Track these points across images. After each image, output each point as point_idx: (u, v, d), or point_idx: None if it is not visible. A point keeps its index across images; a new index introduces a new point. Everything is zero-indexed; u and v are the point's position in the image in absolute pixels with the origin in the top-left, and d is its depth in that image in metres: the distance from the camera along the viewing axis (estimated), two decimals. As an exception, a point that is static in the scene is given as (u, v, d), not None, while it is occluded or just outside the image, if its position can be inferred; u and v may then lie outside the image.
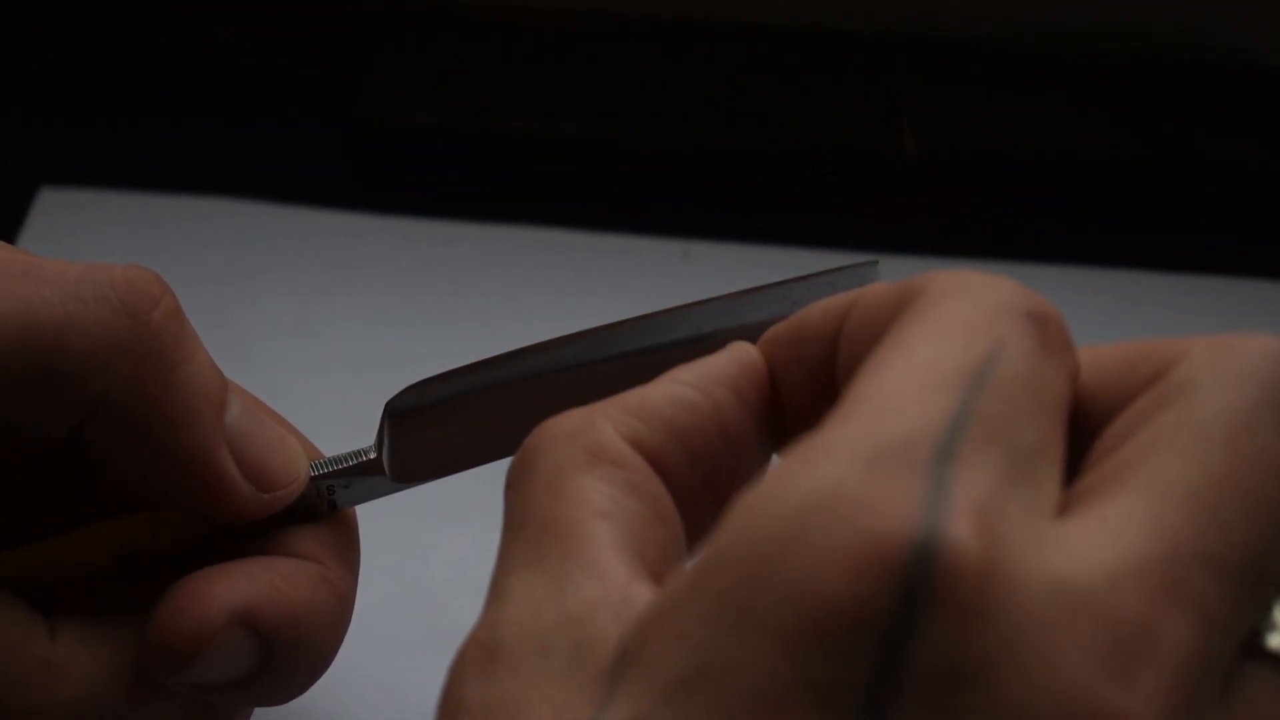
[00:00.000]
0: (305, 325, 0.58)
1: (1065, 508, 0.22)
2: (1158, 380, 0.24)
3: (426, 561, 0.36)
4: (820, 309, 0.28)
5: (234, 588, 0.33)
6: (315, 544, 0.35)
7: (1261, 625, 0.22)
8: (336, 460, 0.35)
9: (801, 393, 0.28)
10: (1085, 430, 0.24)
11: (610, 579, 0.24)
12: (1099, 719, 0.20)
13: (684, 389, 0.28)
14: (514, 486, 0.26)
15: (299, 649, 0.33)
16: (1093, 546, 0.21)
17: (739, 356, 0.28)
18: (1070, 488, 0.23)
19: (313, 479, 0.35)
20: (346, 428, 0.35)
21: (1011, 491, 0.21)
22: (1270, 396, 0.23)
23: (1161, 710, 0.20)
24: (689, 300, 0.34)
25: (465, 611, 0.45)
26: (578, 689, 0.23)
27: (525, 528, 0.26)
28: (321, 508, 0.35)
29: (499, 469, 0.31)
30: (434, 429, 0.35)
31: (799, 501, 0.21)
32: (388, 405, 0.35)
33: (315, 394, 0.36)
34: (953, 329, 0.24)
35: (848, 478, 0.21)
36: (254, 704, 0.35)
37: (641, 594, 0.24)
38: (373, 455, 0.35)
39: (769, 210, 0.73)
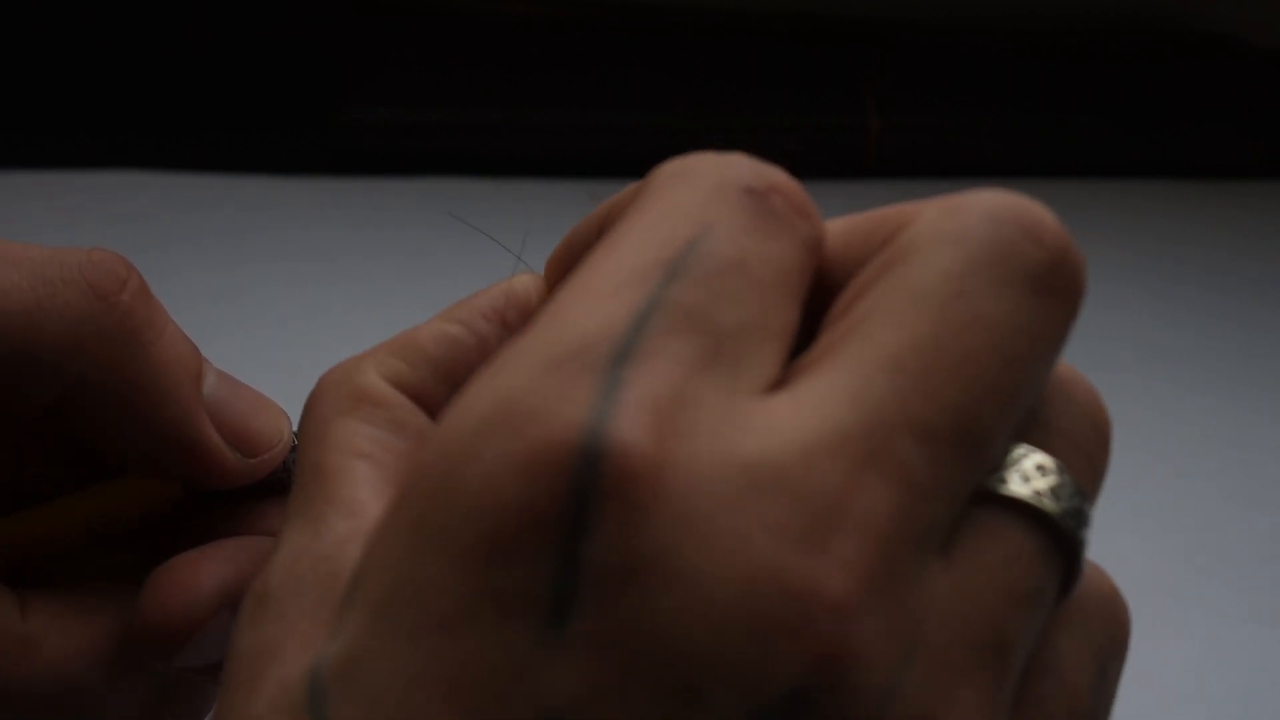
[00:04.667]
0: (223, 292, 0.59)
1: (791, 377, 0.22)
2: (887, 243, 0.23)
3: None
4: (585, 220, 0.28)
5: (219, 570, 0.32)
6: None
7: (995, 465, 0.22)
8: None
9: None
10: (828, 294, 0.23)
11: (363, 515, 0.24)
12: (790, 590, 0.19)
13: (450, 325, 0.28)
14: (297, 438, 0.28)
15: None
16: (791, 422, 0.20)
17: (506, 289, 0.29)
18: (796, 360, 0.22)
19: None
20: (276, 390, 0.35)
21: (703, 378, 0.21)
22: (984, 255, 0.22)
23: (861, 576, 0.19)
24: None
25: None
26: (322, 623, 0.23)
27: (299, 479, 0.26)
28: (289, 481, 0.35)
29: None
30: None
31: (477, 415, 0.20)
32: None
33: (241, 360, 0.36)
34: (660, 218, 0.23)
35: (522, 388, 0.20)
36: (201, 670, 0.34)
37: None
38: None
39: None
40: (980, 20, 0.82)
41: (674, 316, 0.21)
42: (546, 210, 0.70)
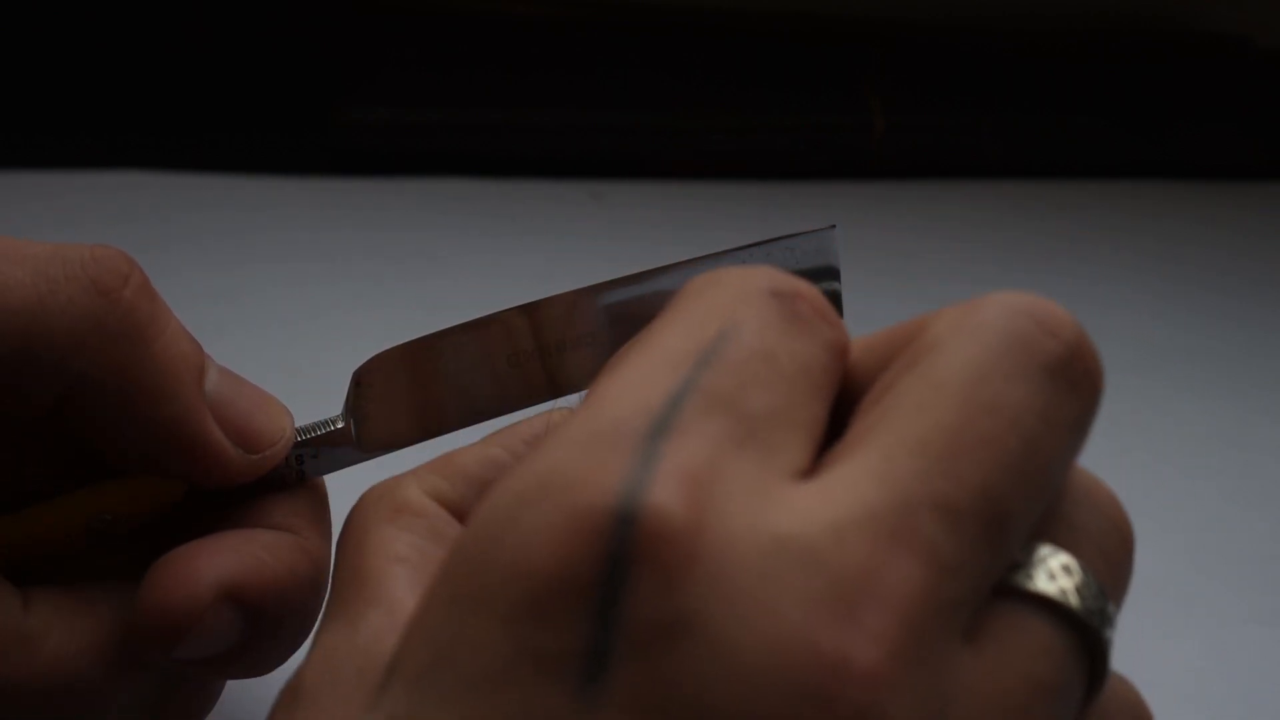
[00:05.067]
0: (223, 292, 0.59)
1: (820, 468, 0.22)
2: (909, 343, 0.24)
3: None
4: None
5: (219, 562, 0.32)
6: (290, 514, 0.35)
7: (1020, 563, 0.23)
8: (305, 430, 0.35)
9: None
10: (856, 400, 0.24)
11: (400, 611, 0.26)
12: (822, 658, 0.20)
13: (491, 448, 0.30)
14: (336, 548, 0.29)
15: (282, 621, 0.33)
16: (821, 502, 0.21)
17: (548, 417, 0.31)
18: (825, 454, 0.23)
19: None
20: (275, 390, 0.35)
21: (735, 456, 0.22)
22: (1003, 343, 0.23)
23: (890, 648, 0.20)
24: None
25: None
26: (358, 705, 0.24)
27: (337, 582, 0.28)
28: (291, 478, 0.35)
29: (467, 437, 0.33)
30: (402, 398, 0.35)
31: (520, 487, 0.21)
32: (356, 374, 0.35)
33: (240, 359, 0.36)
34: (692, 317, 0.24)
35: (561, 460, 0.21)
36: (235, 676, 0.34)
37: None
38: (340, 425, 0.35)
39: (741, 184, 0.73)
40: (982, 20, 0.82)
41: (707, 399, 0.22)
42: (547, 210, 0.70)
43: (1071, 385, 0.23)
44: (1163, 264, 0.70)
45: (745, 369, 0.23)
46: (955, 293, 0.64)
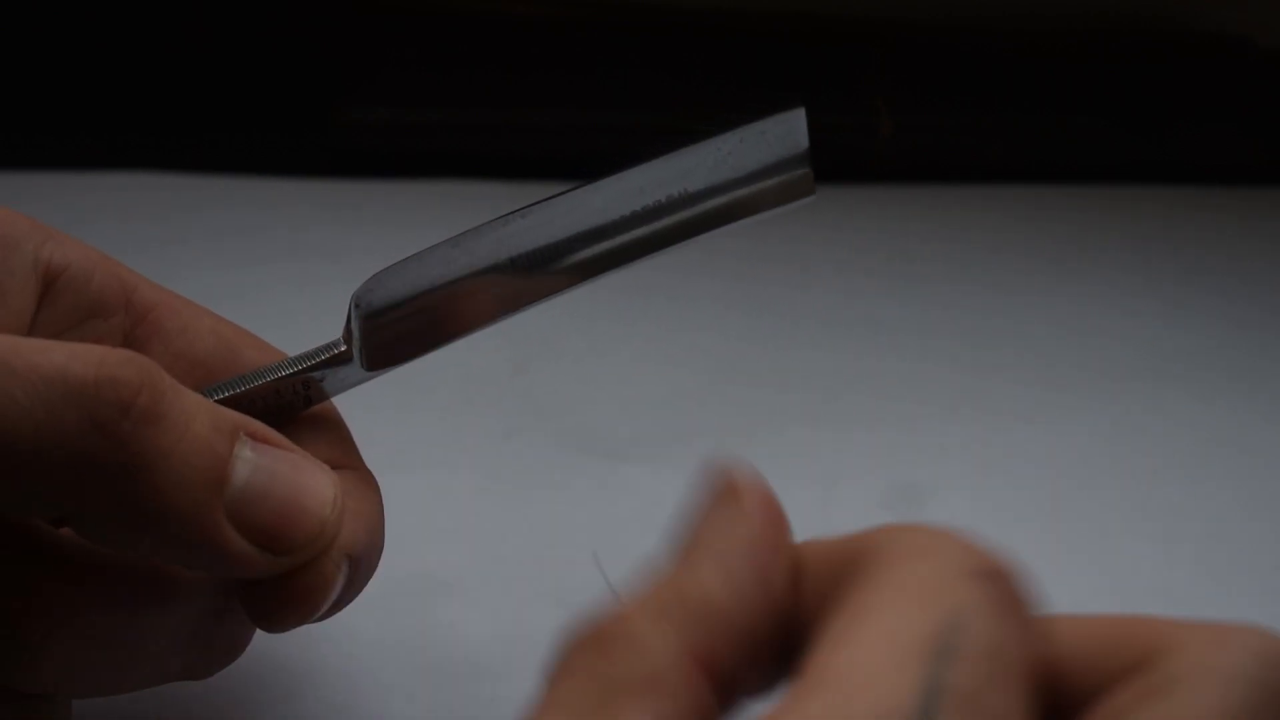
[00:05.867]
0: (228, 293, 0.57)
1: None
2: (1144, 667, 0.23)
3: (388, 510, 0.35)
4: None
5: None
6: (339, 450, 0.35)
7: None
8: (306, 356, 0.35)
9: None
10: (1061, 697, 0.24)
11: None
12: None
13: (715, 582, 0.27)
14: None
15: (371, 564, 0.34)
16: None
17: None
18: None
19: (286, 377, 0.35)
20: None
21: None
22: (1255, 697, 0.22)
23: None
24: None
25: (429, 556, 0.45)
26: None
27: None
28: (298, 404, 0.36)
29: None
30: (404, 314, 0.35)
31: None
32: (354, 296, 0.35)
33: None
34: (909, 594, 0.23)
35: None
36: (309, 622, 0.34)
37: None
38: (342, 348, 0.36)
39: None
40: (984, 20, 0.82)
41: (957, 702, 0.22)
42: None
43: None
44: (1170, 269, 0.70)
45: (983, 667, 0.22)
46: (961, 297, 0.65)
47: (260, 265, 0.62)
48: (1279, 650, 0.23)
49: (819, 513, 0.54)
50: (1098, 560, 0.50)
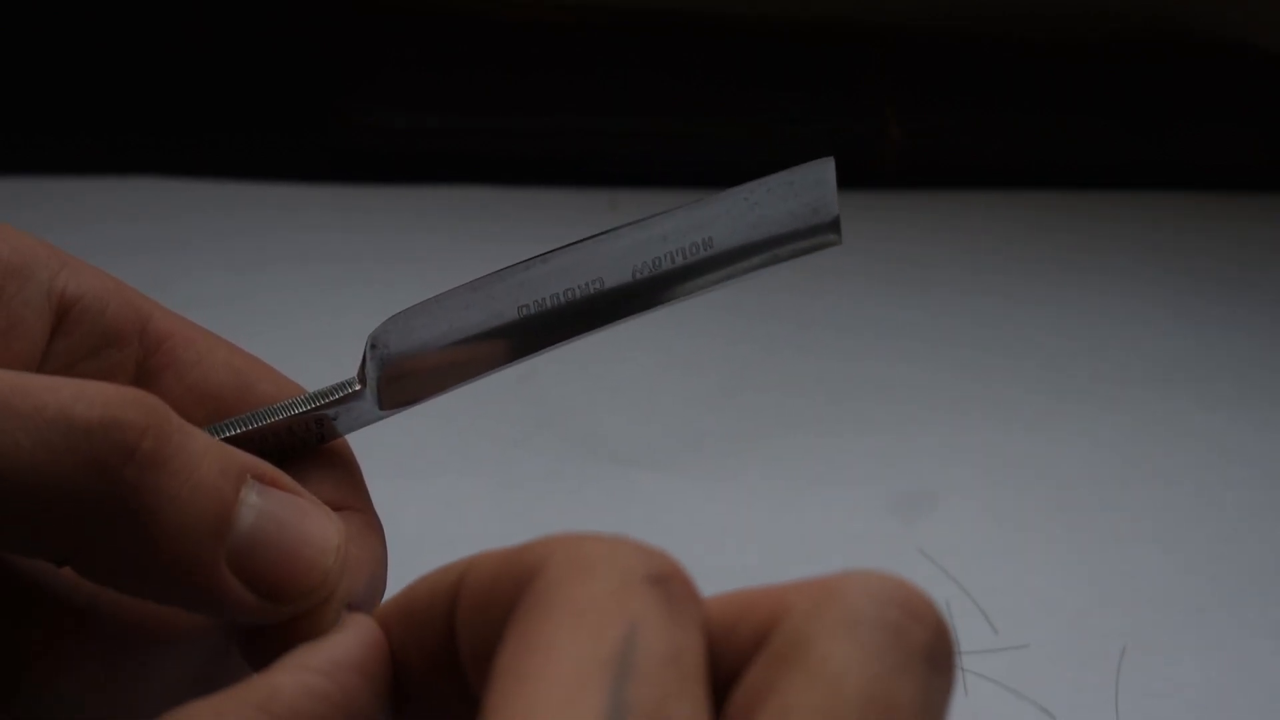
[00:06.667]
0: (242, 293, 0.59)
1: None
2: (769, 635, 0.24)
3: (395, 519, 0.35)
4: (427, 587, 0.28)
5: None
6: (346, 490, 0.35)
7: None
8: (323, 394, 0.35)
9: (422, 667, 0.28)
10: (718, 681, 0.24)
11: None
12: None
13: (316, 678, 0.28)
14: None
15: (371, 605, 0.33)
16: None
17: (364, 636, 0.29)
18: None
19: (299, 414, 0.35)
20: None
21: None
22: (883, 639, 0.23)
23: None
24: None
25: (435, 565, 0.45)
26: None
27: None
28: (311, 440, 0.35)
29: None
30: (421, 357, 0.35)
31: None
32: (371, 337, 0.35)
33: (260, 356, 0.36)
34: (581, 616, 0.23)
35: None
36: None
37: None
38: (356, 387, 0.35)
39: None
40: (989, 23, 0.82)
41: (641, 717, 0.22)
42: (563, 217, 0.69)
43: (941, 668, 0.23)
44: (1180, 277, 0.70)
45: (661, 678, 0.22)
46: (969, 304, 0.65)
47: (260, 269, 0.62)
48: (889, 587, 0.23)
49: (828, 517, 0.54)
50: (1103, 566, 0.50)
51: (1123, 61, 0.80)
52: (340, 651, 0.28)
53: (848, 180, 0.74)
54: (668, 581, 0.24)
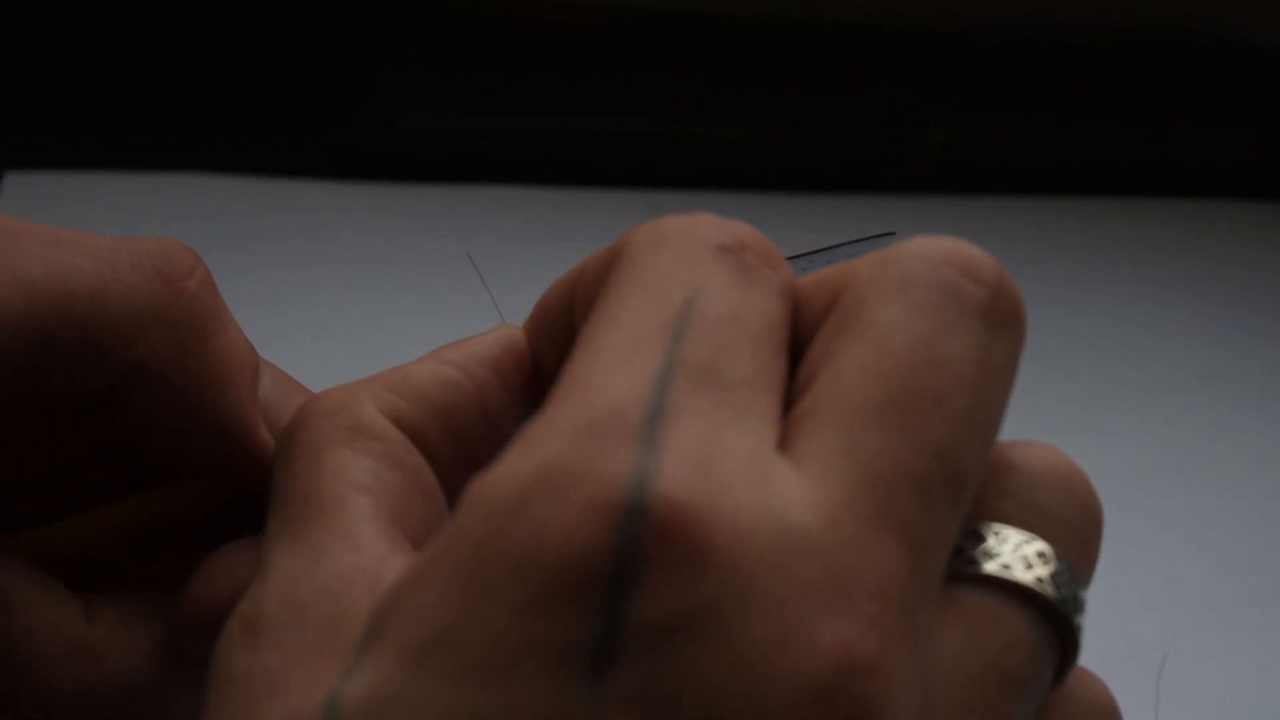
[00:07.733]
0: (285, 294, 0.59)
1: (784, 436, 0.23)
2: (835, 304, 0.24)
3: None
4: (555, 288, 0.29)
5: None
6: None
7: (966, 547, 0.23)
8: None
9: (557, 369, 0.28)
10: (799, 350, 0.25)
11: (366, 551, 0.25)
12: (824, 654, 0.20)
13: (447, 368, 0.29)
14: (280, 462, 0.28)
15: None
16: (808, 484, 0.21)
17: (503, 337, 0.30)
18: (788, 415, 0.23)
19: None
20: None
21: (729, 429, 0.22)
22: (935, 298, 0.23)
23: (884, 634, 0.20)
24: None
25: None
26: (331, 659, 0.23)
27: (288, 502, 0.26)
28: None
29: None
30: None
31: (518, 482, 0.21)
32: None
33: (299, 360, 0.36)
34: (649, 285, 0.24)
35: (562, 453, 0.21)
36: None
37: (395, 567, 0.25)
38: None
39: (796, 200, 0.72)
40: (988, 24, 0.82)
41: (692, 374, 0.22)
42: (603, 220, 0.68)
43: (1001, 326, 0.23)
44: (1213, 284, 0.69)
45: (718, 336, 0.23)
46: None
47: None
48: (945, 248, 0.24)
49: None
50: (1143, 574, 0.50)
51: (1120, 61, 0.81)
52: (477, 347, 0.29)
53: (878, 185, 0.74)
54: (740, 250, 0.24)
